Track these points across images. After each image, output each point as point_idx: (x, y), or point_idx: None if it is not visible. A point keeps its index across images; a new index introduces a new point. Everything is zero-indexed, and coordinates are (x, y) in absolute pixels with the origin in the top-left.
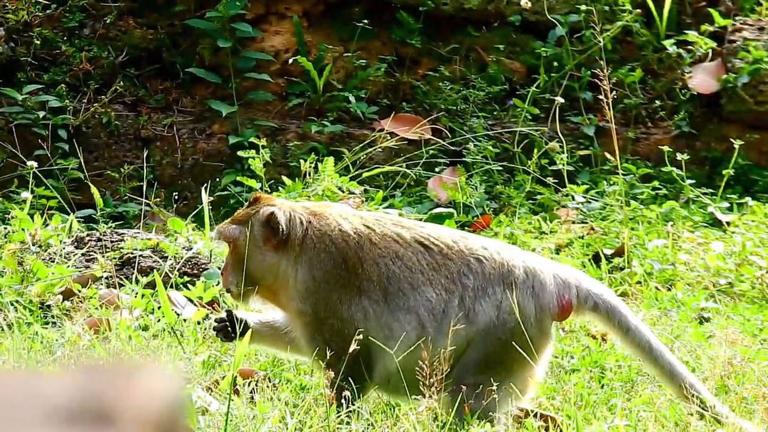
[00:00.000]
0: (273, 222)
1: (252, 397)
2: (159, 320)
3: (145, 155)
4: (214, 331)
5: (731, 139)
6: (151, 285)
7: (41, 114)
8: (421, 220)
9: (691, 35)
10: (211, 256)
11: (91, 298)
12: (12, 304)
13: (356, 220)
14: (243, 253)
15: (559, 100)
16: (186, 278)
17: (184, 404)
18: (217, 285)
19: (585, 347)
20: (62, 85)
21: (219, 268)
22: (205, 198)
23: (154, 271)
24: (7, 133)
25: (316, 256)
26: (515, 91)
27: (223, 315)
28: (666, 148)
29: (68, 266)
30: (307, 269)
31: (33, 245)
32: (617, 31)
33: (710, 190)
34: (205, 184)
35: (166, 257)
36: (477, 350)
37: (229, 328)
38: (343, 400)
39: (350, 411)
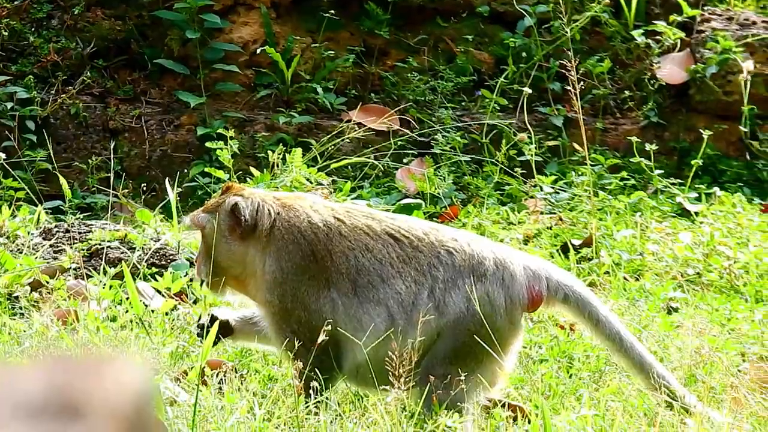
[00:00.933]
0: (237, 212)
1: (220, 388)
2: (127, 311)
3: (112, 146)
4: (198, 337)
5: (700, 130)
6: (119, 276)
7: (9, 105)
8: (389, 211)
9: (660, 26)
10: (179, 247)
11: (59, 289)
12: None
13: (326, 212)
14: (211, 243)
15: (527, 90)
16: (154, 269)
17: (152, 396)
18: (185, 276)
19: (553, 337)
20: (30, 76)
21: (187, 260)
22: (172, 191)
23: (122, 262)
24: None
25: (284, 247)
26: (483, 82)
27: (206, 319)
28: (634, 139)
29: (36, 257)
30: (275, 260)
31: (1, 236)
32: (586, 22)
33: (678, 181)
34: (173, 176)
35: (134, 248)
36: (447, 341)
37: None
38: (311, 391)
39: (318, 401)
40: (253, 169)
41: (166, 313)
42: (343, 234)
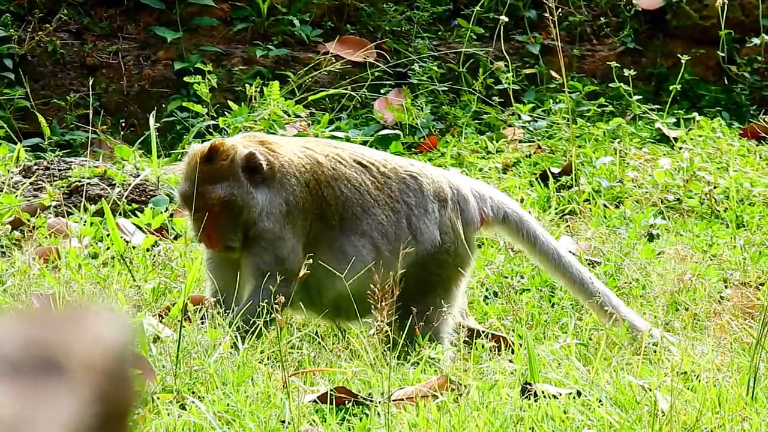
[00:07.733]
0: (254, 160)
1: (203, 323)
2: (108, 248)
3: (90, 83)
4: None
5: (677, 55)
6: (100, 213)
7: None
8: (367, 142)
9: None
10: (158, 183)
11: (40, 227)
12: None
13: (298, 144)
14: (237, 204)
15: (504, 18)
16: (134, 205)
17: (132, 348)
18: (165, 211)
19: (534, 267)
20: (7, 14)
21: (167, 195)
22: (153, 126)
23: (102, 198)
24: None
25: (287, 181)
26: (459, 11)
27: None
28: (613, 64)
29: (16, 196)
30: (278, 194)
31: None
32: None
33: (657, 106)
34: (151, 111)
35: (114, 185)
36: (422, 270)
37: None
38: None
39: (302, 335)
40: (231, 103)
41: (147, 249)
42: (323, 165)
